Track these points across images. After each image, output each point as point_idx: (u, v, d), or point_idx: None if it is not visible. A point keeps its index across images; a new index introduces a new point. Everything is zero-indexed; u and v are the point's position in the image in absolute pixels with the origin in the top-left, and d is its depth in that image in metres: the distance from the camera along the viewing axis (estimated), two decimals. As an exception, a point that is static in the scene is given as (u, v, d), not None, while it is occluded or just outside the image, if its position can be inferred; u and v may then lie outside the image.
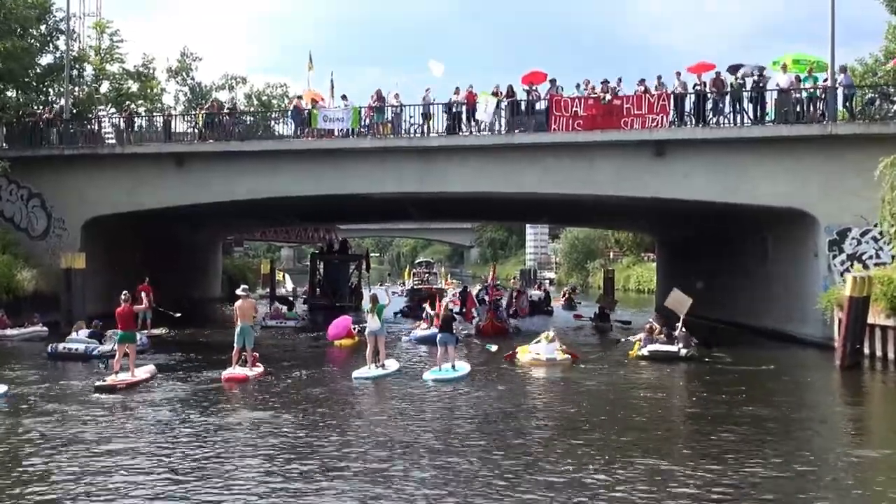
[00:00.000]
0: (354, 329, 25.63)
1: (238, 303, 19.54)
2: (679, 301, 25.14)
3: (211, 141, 31.06)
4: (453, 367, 19.63)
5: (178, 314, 28.76)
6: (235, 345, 19.14)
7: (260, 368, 19.49)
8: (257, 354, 19.85)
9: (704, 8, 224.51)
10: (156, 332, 27.60)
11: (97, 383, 17.50)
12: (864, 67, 38.76)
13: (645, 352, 22.87)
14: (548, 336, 22.57)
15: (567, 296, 48.46)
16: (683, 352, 22.53)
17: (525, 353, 22.26)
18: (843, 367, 20.83)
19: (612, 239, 76.77)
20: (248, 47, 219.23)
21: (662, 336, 23.45)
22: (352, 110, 29.37)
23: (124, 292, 19.04)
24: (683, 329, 23.51)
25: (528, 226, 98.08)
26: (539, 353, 21.90)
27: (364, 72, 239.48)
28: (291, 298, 41.81)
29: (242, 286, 20.95)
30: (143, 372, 18.71)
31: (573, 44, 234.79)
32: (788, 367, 22.01)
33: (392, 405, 16.42)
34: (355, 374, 19.35)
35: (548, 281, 76.41)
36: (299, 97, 32.35)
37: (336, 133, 29.77)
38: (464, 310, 32.36)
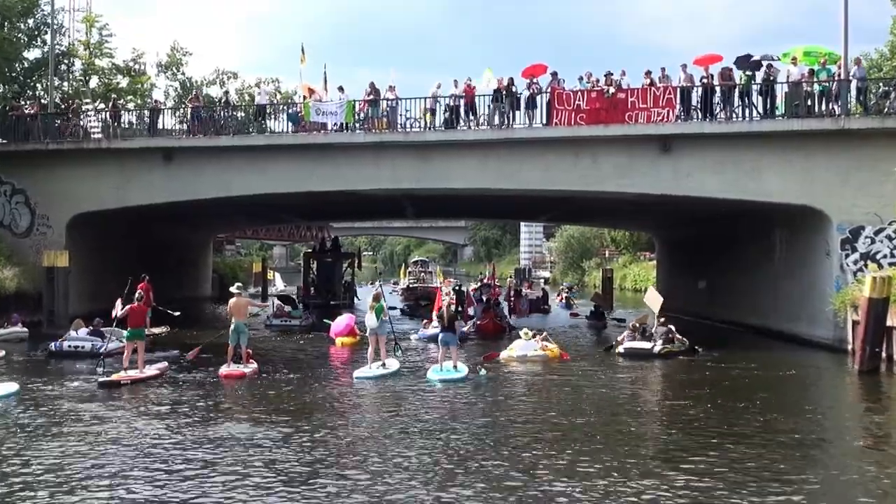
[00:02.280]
0: (358, 326, 25.66)
1: (231, 300, 19.65)
2: (653, 299, 25.65)
3: (200, 136, 30.06)
4: (455, 367, 19.27)
5: (178, 313, 27.58)
6: (230, 343, 19.17)
7: (254, 365, 19.51)
8: (251, 351, 19.99)
9: (705, 8, 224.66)
10: (155, 330, 26.80)
11: (100, 379, 17.59)
12: (870, 62, 38.12)
13: (621, 349, 23.24)
14: (527, 334, 22.97)
15: (563, 295, 48.15)
16: (657, 349, 22.73)
17: (505, 352, 22.51)
18: (862, 371, 19.90)
19: (608, 237, 76.02)
20: (239, 49, 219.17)
21: (636, 334, 23.91)
22: (346, 104, 28.38)
23: (138, 292, 19.47)
24: (667, 326, 23.76)
25: (522, 224, 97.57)
26: (514, 350, 22.26)
27: (356, 72, 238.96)
28: (294, 297, 41.07)
29: (236, 284, 21.27)
30: (153, 369, 18.86)
31: (571, 44, 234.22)
32: (803, 371, 21.09)
33: (389, 408, 15.87)
34: (356, 373, 19.10)
35: (542, 280, 75.73)
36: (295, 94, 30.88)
37: (330, 127, 28.79)
38: (460, 308, 31.58)
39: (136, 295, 19.11)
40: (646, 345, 23.05)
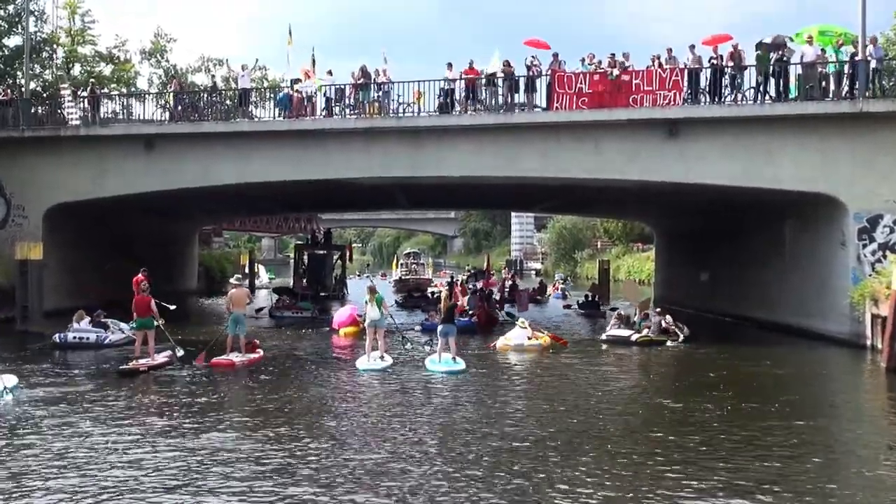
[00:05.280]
0: (360, 318, 24.99)
1: (231, 291, 20.22)
2: (630, 291, 28.10)
3: (182, 122, 28.68)
4: (454, 359, 19.18)
5: (174, 307, 26.16)
6: (228, 332, 19.57)
7: (254, 355, 19.79)
8: (258, 341, 20.76)
9: (705, 8, 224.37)
10: None
11: (120, 367, 18.00)
12: (876, 47, 37.05)
13: (604, 336, 24.61)
14: (521, 323, 23.49)
15: (558, 286, 48.22)
16: (634, 337, 23.78)
17: (501, 340, 22.91)
18: (890, 369, 18.61)
19: (601, 228, 74.96)
20: (239, 49, 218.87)
21: (621, 323, 25.09)
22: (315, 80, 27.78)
23: (145, 284, 20.08)
24: (662, 317, 24.62)
25: (513, 215, 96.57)
26: (510, 339, 22.67)
27: (351, 67, 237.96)
28: (291, 288, 40.19)
29: (235, 276, 22.93)
30: (162, 357, 19.09)
31: (572, 45, 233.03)
32: (823, 368, 20.06)
33: (391, 401, 15.51)
34: (361, 365, 19.08)
35: (534, 272, 74.95)
36: (297, 80, 29.16)
37: (318, 113, 27.50)
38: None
39: (143, 286, 19.62)
40: (625, 332, 24.17)
